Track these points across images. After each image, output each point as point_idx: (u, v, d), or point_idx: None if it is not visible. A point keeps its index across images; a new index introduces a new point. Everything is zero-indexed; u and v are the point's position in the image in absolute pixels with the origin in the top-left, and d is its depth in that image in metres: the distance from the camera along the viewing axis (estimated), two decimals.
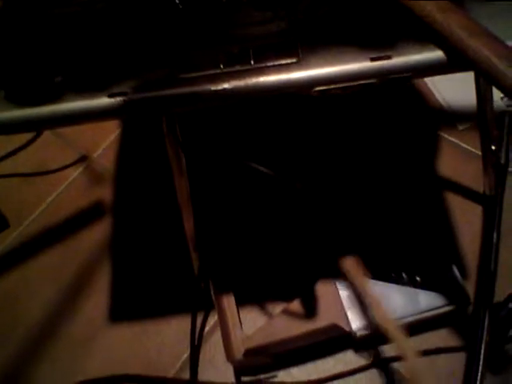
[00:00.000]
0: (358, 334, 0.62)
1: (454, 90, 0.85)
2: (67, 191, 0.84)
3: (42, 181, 0.85)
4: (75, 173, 0.86)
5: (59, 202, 0.83)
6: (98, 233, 0.79)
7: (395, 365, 0.65)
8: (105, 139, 0.89)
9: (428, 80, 0.88)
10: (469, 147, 0.81)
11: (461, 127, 0.84)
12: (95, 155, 0.88)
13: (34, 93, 0.41)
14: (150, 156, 0.85)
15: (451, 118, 0.85)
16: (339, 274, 0.66)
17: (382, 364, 0.65)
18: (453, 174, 0.78)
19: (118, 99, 0.39)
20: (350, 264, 0.61)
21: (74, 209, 0.82)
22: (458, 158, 0.80)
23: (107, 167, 0.86)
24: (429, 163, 0.80)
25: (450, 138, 0.83)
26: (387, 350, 0.66)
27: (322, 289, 0.65)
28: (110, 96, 0.39)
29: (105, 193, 0.83)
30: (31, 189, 0.85)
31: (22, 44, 0.43)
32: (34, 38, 0.43)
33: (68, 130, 0.89)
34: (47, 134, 0.88)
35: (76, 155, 0.87)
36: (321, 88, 0.39)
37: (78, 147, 0.88)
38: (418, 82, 0.89)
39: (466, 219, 0.74)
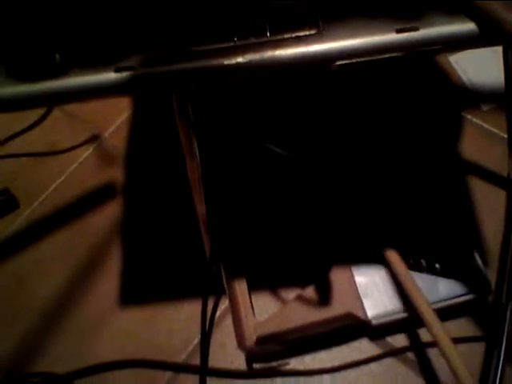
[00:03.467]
0: (374, 322, 0.60)
1: (479, 69, 0.82)
2: (78, 171, 0.82)
3: (53, 161, 0.83)
4: (86, 153, 0.84)
5: (70, 182, 0.81)
6: (109, 214, 0.77)
7: (410, 354, 0.63)
8: (116, 119, 0.87)
9: (451, 58, 0.84)
10: (493, 129, 0.78)
11: (485, 108, 0.80)
12: (106, 135, 0.86)
13: (37, 68, 0.38)
14: (162, 136, 0.83)
15: (475, 98, 0.81)
16: (355, 260, 0.64)
17: (397, 353, 0.63)
18: (476, 157, 0.75)
19: (125, 74, 0.36)
20: (393, 255, 0.58)
21: (84, 189, 0.80)
22: (482, 140, 0.77)
23: (118, 147, 0.84)
24: (451, 145, 0.77)
25: (474, 119, 0.79)
26: (403, 339, 0.64)
27: (337, 275, 0.63)
28: (117, 71, 0.37)
29: (116, 173, 0.81)
30: (41, 169, 0.83)
31: (23, 16, 0.41)
32: (35, 10, 0.41)
33: (79, 110, 0.87)
34: (58, 114, 0.86)
35: (87, 135, 0.85)
36: (342, 62, 0.36)
37: (89, 127, 0.86)
38: (440, 60, 0.85)
39: (489, 204, 0.71)
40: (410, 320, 0.61)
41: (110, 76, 0.37)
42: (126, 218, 0.77)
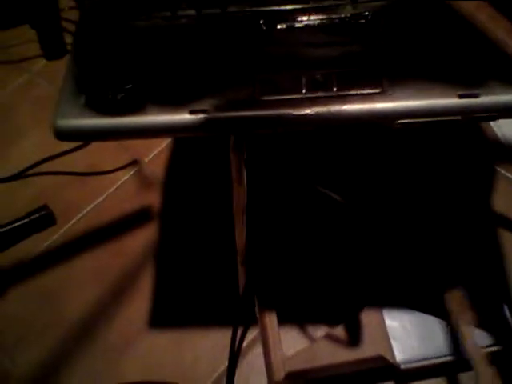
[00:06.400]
0: (403, 366, 0.61)
1: None
2: (116, 193, 0.85)
3: (93, 181, 0.86)
4: (126, 176, 0.87)
5: (107, 204, 0.84)
6: (143, 237, 0.79)
7: None
8: (157, 145, 0.90)
9: None
10: None
11: None
12: (147, 160, 0.89)
13: (115, 101, 0.41)
14: (200, 165, 0.85)
15: (509, 152, 0.83)
16: (386, 303, 0.65)
17: None
18: (508, 211, 0.76)
19: (199, 116, 0.39)
20: (456, 302, 0.60)
21: (121, 211, 0.82)
22: None
23: (157, 173, 0.87)
24: (483, 198, 0.78)
25: (507, 174, 0.81)
26: None
27: (368, 317, 0.64)
28: (192, 112, 0.39)
29: (153, 198, 0.84)
30: (81, 188, 0.86)
31: (105, 50, 0.44)
32: (116, 47, 0.44)
33: None
34: None
35: (128, 159, 0.88)
36: (404, 121, 0.38)
37: (130, 152, 0.89)
38: None
39: None
40: (438, 367, 0.62)
41: (185, 117, 0.39)
42: (160, 242, 0.79)
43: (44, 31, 1.01)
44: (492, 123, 0.86)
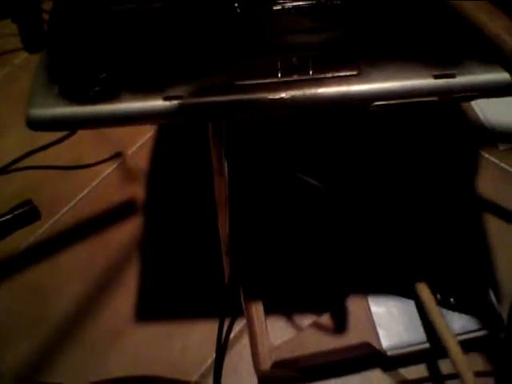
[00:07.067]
0: (389, 353, 0.61)
1: (497, 108, 0.84)
2: (100, 186, 0.84)
3: (76, 175, 0.85)
4: (109, 169, 0.86)
5: (92, 197, 0.83)
6: (129, 230, 0.79)
7: None
8: (140, 137, 0.89)
9: None
10: (509, 168, 0.79)
11: (502, 147, 0.82)
12: (130, 152, 0.88)
13: (88, 90, 0.40)
14: (184, 156, 0.85)
15: (492, 137, 0.83)
16: (371, 290, 0.65)
17: None
18: (492, 195, 0.77)
19: (174, 102, 0.38)
20: (423, 288, 0.60)
21: (106, 204, 0.82)
22: (498, 179, 0.79)
23: (141, 165, 0.86)
24: (467, 182, 0.78)
25: (491, 158, 0.81)
26: (416, 371, 0.64)
27: (354, 304, 0.64)
28: (166, 99, 0.38)
29: (138, 190, 0.83)
30: (65, 182, 0.85)
31: (77, 39, 0.43)
32: (89, 34, 0.43)
33: None
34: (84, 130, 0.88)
35: (111, 151, 0.88)
36: (381, 103, 0.38)
37: (114, 143, 0.89)
38: None
39: (504, 242, 0.72)
40: (424, 352, 0.62)
41: (159, 104, 0.39)
42: (145, 234, 0.78)
43: (25, 24, 1.00)
44: (475, 107, 0.85)
